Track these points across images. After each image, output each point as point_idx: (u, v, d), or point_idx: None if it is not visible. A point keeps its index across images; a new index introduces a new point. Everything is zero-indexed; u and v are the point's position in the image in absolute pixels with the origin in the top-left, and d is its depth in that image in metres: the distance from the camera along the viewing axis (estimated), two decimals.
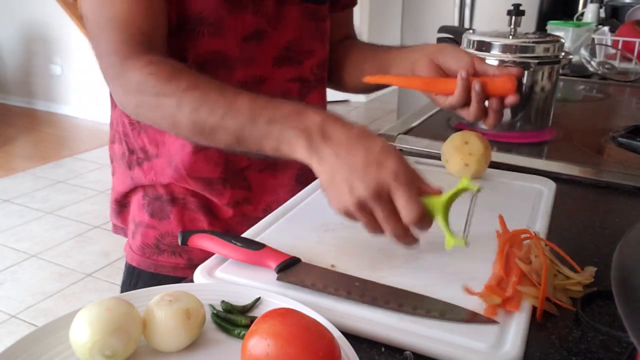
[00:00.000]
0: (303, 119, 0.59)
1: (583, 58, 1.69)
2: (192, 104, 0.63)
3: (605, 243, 0.68)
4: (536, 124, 1.06)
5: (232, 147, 0.65)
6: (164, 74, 0.65)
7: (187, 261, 0.84)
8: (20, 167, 3.69)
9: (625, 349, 0.49)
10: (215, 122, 0.63)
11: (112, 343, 0.44)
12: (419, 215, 0.54)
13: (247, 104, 0.62)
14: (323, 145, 0.57)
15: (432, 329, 0.49)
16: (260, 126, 0.61)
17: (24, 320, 2.16)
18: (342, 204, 0.56)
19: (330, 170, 0.57)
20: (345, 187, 0.55)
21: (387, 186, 0.54)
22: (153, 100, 0.65)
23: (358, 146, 0.56)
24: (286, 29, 0.80)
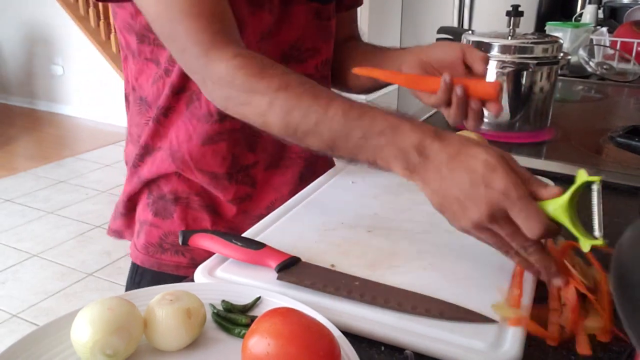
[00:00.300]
0: (398, 137, 0.57)
1: (581, 59, 1.69)
2: (284, 105, 0.62)
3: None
4: (535, 124, 1.06)
5: (324, 152, 0.64)
6: (253, 69, 0.64)
7: (190, 260, 0.84)
8: (22, 167, 3.69)
9: (625, 348, 0.49)
10: (308, 128, 0.62)
11: (113, 342, 0.45)
12: (543, 228, 0.51)
13: (341, 113, 0.60)
14: (422, 167, 0.55)
15: (432, 328, 0.50)
16: (354, 140, 0.59)
17: (25, 319, 2.16)
18: (461, 225, 0.54)
19: (437, 193, 0.55)
20: (459, 209, 0.53)
21: (501, 207, 0.51)
22: (244, 96, 0.64)
23: (460, 167, 0.53)
24: (292, 28, 0.80)
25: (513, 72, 1.01)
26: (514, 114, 1.04)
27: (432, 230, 0.69)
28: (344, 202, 0.77)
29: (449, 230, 0.68)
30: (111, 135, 4.18)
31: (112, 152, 3.93)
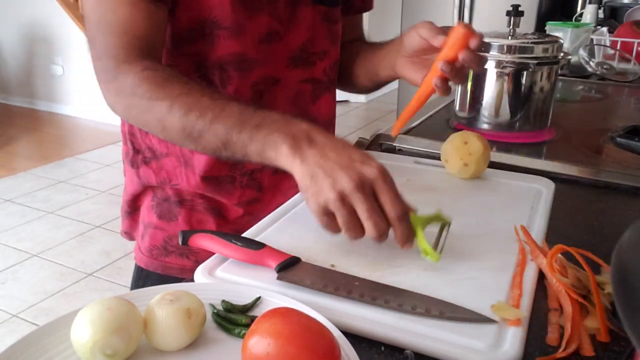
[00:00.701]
0: (290, 125, 0.61)
1: (582, 58, 1.69)
2: (182, 108, 0.65)
3: (604, 243, 0.68)
4: (535, 124, 1.06)
5: (218, 151, 0.65)
6: (157, 79, 0.67)
7: (195, 263, 0.84)
8: (22, 167, 3.69)
9: (625, 348, 0.49)
10: (204, 126, 0.64)
11: (113, 342, 0.45)
12: (405, 211, 0.55)
13: (237, 109, 0.64)
14: (308, 148, 0.59)
15: (432, 328, 0.50)
16: (248, 130, 0.62)
17: (25, 319, 2.16)
18: (323, 199, 0.56)
19: (313, 167, 0.57)
20: (328, 182, 0.56)
21: (371, 180, 0.55)
22: (145, 103, 0.67)
23: (344, 150, 0.58)
24: (299, 30, 0.81)
25: (513, 72, 1.01)
26: (514, 114, 1.04)
27: (431, 230, 0.69)
28: None
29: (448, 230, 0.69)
30: (111, 135, 4.18)
31: (112, 152, 3.94)
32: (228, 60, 0.76)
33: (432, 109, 1.25)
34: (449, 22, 3.16)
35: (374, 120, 4.72)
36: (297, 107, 0.85)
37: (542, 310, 0.54)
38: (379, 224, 0.56)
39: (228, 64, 0.76)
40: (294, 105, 0.84)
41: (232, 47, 0.75)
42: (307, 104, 0.86)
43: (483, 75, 1.04)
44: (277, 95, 0.82)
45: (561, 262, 0.58)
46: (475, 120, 1.08)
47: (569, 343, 0.49)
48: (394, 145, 1.03)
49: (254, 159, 0.63)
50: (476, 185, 0.83)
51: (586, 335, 0.50)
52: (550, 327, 0.52)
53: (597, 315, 0.51)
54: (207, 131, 0.64)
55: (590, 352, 0.48)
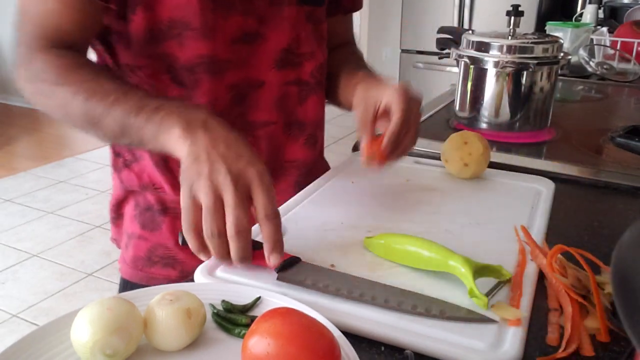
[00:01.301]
0: (189, 112, 0.60)
1: (582, 58, 1.69)
2: (86, 93, 0.65)
3: (603, 243, 0.68)
4: (535, 124, 1.06)
5: (117, 137, 0.65)
6: (66, 66, 0.67)
7: (180, 272, 0.82)
8: (22, 167, 3.69)
9: (625, 348, 0.49)
10: (103, 110, 0.63)
11: (113, 342, 0.45)
12: (275, 214, 0.55)
13: (139, 95, 0.63)
14: (202, 134, 0.58)
15: (432, 328, 0.50)
16: (145, 113, 0.61)
17: (25, 319, 2.16)
18: (196, 179, 0.55)
19: (201, 150, 0.56)
20: (207, 168, 0.55)
21: (249, 179, 0.55)
22: (51, 88, 0.67)
23: (234, 146, 0.57)
24: (284, 31, 0.79)
25: (513, 72, 1.01)
26: (514, 114, 1.04)
27: (431, 230, 0.69)
28: (344, 202, 0.77)
29: (448, 230, 0.69)
30: None
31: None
32: (197, 62, 0.73)
33: (432, 109, 1.25)
34: (448, 22, 3.16)
35: None
36: (283, 110, 0.83)
37: (542, 310, 0.54)
38: (240, 218, 0.53)
39: (197, 66, 0.73)
40: (279, 108, 0.82)
41: (200, 49, 0.73)
42: (294, 106, 0.84)
43: (483, 75, 1.04)
44: (261, 97, 0.80)
45: (561, 262, 0.58)
46: (475, 120, 1.08)
47: (569, 343, 0.49)
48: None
49: (150, 145, 0.62)
50: (476, 185, 0.83)
51: (586, 335, 0.50)
52: (550, 327, 0.52)
53: (597, 315, 0.51)
54: (107, 115, 0.63)
55: (590, 352, 0.48)
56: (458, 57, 1.07)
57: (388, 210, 0.74)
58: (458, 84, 1.10)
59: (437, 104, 1.29)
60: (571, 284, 0.55)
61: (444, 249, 0.57)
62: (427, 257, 0.58)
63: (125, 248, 0.86)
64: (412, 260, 0.59)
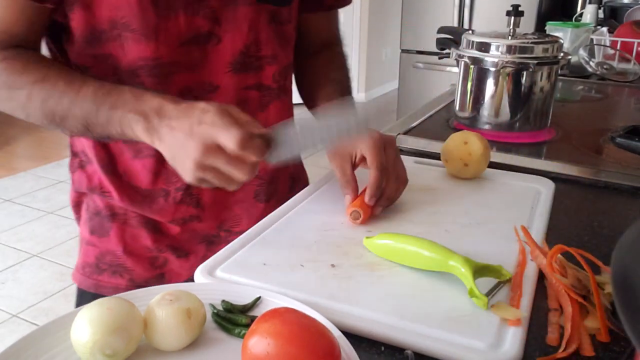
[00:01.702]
0: (141, 102, 0.62)
1: (582, 58, 1.69)
2: (40, 95, 0.66)
3: (603, 243, 0.68)
4: (535, 124, 1.06)
5: (84, 133, 0.67)
6: (16, 68, 0.67)
7: (129, 281, 0.80)
8: (22, 167, 3.69)
9: (625, 348, 0.49)
10: (64, 112, 0.65)
11: (113, 342, 0.45)
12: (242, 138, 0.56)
13: (91, 92, 0.64)
14: (159, 124, 0.60)
15: (432, 328, 0.50)
16: (104, 113, 0.63)
17: (25, 319, 2.16)
18: (189, 172, 0.59)
19: (169, 146, 0.60)
20: (184, 155, 0.58)
21: (210, 137, 0.57)
22: (6, 93, 0.68)
23: (183, 116, 0.59)
24: (241, 33, 0.73)
25: (513, 72, 1.01)
26: (514, 114, 1.04)
27: (431, 230, 0.69)
28: (343, 203, 0.77)
29: (448, 230, 0.69)
30: None
31: None
32: (139, 65, 0.70)
33: (432, 109, 1.25)
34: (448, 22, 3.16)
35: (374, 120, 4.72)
36: None
37: (542, 310, 0.54)
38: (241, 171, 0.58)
39: (140, 69, 0.70)
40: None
41: (143, 51, 0.69)
42: (253, 112, 0.78)
43: (483, 75, 1.04)
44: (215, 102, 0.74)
45: (561, 262, 0.58)
46: (475, 120, 1.08)
47: (569, 343, 0.49)
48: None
49: (120, 139, 0.65)
50: (476, 185, 0.83)
51: (586, 335, 0.50)
52: (550, 327, 0.52)
53: (597, 315, 0.51)
54: (67, 117, 0.65)
55: (590, 352, 0.48)
56: (458, 57, 1.07)
57: (388, 210, 0.74)
58: (458, 84, 1.10)
59: (437, 104, 1.29)
60: (571, 284, 0.55)
61: (444, 248, 0.57)
62: (427, 257, 0.58)
63: (78, 253, 0.85)
64: (412, 260, 0.59)
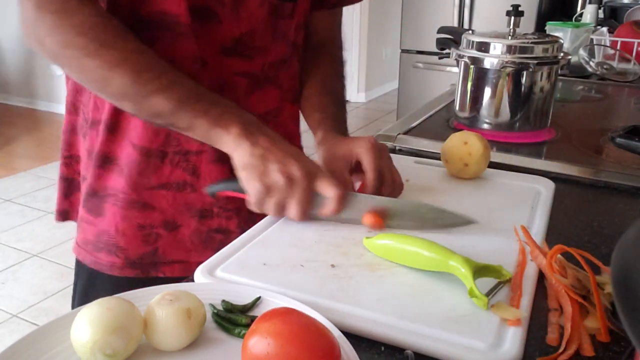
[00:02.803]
0: (243, 113, 0.66)
1: (582, 58, 1.69)
2: (137, 64, 0.64)
3: (604, 243, 0.68)
4: (535, 124, 1.06)
5: (159, 116, 0.66)
6: (113, 29, 0.64)
7: (125, 260, 0.81)
8: (22, 167, 3.69)
9: (625, 348, 0.49)
10: (159, 88, 0.64)
11: (113, 342, 0.45)
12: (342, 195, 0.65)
13: (193, 83, 0.66)
14: (259, 135, 0.63)
15: (432, 328, 0.50)
16: (204, 103, 0.64)
17: (25, 319, 2.16)
18: (270, 178, 0.63)
19: (264, 149, 0.63)
20: (278, 165, 0.62)
21: (317, 172, 0.64)
22: (93, 47, 0.63)
23: (291, 147, 0.65)
24: (239, 19, 0.75)
25: (513, 72, 1.01)
26: (514, 114, 1.04)
27: (432, 230, 0.69)
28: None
29: (448, 230, 0.69)
30: None
31: None
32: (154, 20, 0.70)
33: (432, 109, 1.25)
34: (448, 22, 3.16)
35: (374, 120, 4.72)
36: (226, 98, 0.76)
37: (542, 310, 0.54)
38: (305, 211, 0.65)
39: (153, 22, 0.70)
40: (221, 95, 0.76)
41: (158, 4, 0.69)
42: (238, 98, 0.78)
43: (483, 75, 1.04)
44: (201, 78, 0.74)
45: (561, 263, 0.58)
46: (475, 120, 1.08)
47: (569, 343, 0.49)
48: (394, 145, 1.03)
49: (197, 133, 0.65)
50: (476, 186, 0.83)
51: (586, 335, 0.50)
52: (550, 327, 0.52)
53: (597, 316, 0.51)
54: (160, 94, 0.64)
55: (590, 352, 0.48)
56: (458, 57, 1.07)
57: None
58: (458, 84, 1.10)
59: (437, 104, 1.29)
60: (571, 284, 0.55)
61: (443, 249, 0.57)
62: (427, 257, 0.58)
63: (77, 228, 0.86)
64: (412, 261, 0.59)
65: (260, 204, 0.65)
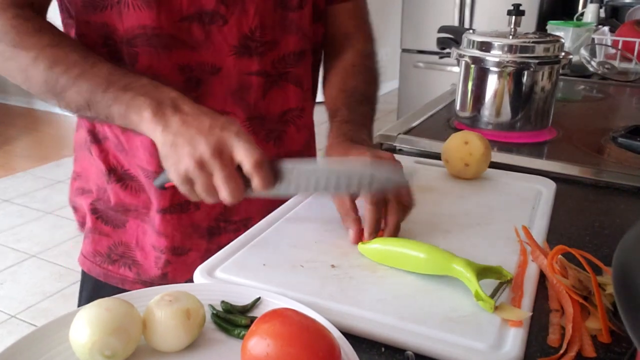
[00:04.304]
0: (158, 91, 0.60)
1: (583, 58, 1.69)
2: (48, 60, 0.63)
3: (605, 243, 0.68)
4: (536, 124, 1.06)
5: (82, 110, 0.64)
6: (27, 29, 0.64)
7: (136, 275, 0.81)
8: (21, 167, 3.69)
9: (627, 349, 0.49)
10: (67, 82, 0.62)
11: (112, 343, 0.44)
12: (260, 158, 0.55)
13: (107, 69, 0.62)
14: (171, 115, 0.58)
15: (432, 329, 0.49)
16: (113, 90, 0.60)
17: (24, 320, 2.16)
18: (183, 167, 0.56)
19: (174, 134, 0.57)
20: (187, 150, 0.56)
21: (229, 144, 0.56)
22: (10, 51, 0.64)
23: (206, 116, 0.58)
24: (246, 15, 0.73)
25: (514, 72, 1.01)
26: (515, 114, 1.04)
27: (431, 231, 0.69)
28: None
29: (448, 230, 0.68)
30: None
31: None
32: (136, 34, 0.69)
33: (433, 109, 1.25)
34: (449, 22, 3.16)
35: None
36: (242, 101, 0.77)
37: (543, 311, 0.54)
38: (234, 190, 0.56)
39: (136, 38, 0.69)
40: (237, 99, 0.76)
41: (142, 19, 0.68)
42: (256, 99, 0.78)
43: (484, 75, 1.04)
44: (217, 85, 0.75)
45: (562, 263, 0.57)
46: (476, 120, 1.08)
47: (570, 344, 0.49)
48: (394, 145, 1.02)
49: (117, 122, 0.61)
50: (477, 186, 0.82)
51: (587, 336, 0.50)
52: (551, 328, 0.51)
53: (598, 316, 0.51)
54: (71, 87, 0.62)
55: (591, 353, 0.48)
56: (459, 56, 1.07)
57: None
58: (459, 84, 1.10)
59: (437, 104, 1.29)
60: (572, 284, 0.54)
61: (443, 252, 0.57)
62: (428, 262, 0.57)
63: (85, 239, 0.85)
64: (412, 265, 0.58)
65: (189, 194, 0.59)
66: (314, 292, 0.55)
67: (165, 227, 0.79)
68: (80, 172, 0.84)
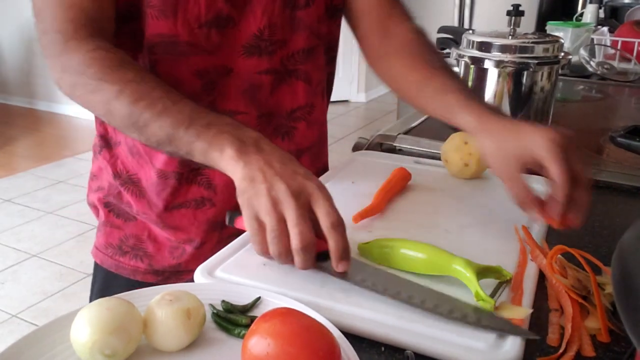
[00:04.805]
0: (240, 130, 0.60)
1: (582, 58, 1.69)
2: (133, 95, 0.63)
3: (604, 243, 0.68)
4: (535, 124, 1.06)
5: (161, 144, 0.64)
6: (110, 62, 0.65)
7: (148, 266, 0.83)
8: (22, 167, 3.69)
9: (626, 348, 0.49)
10: (151, 117, 0.62)
11: (113, 342, 0.44)
12: (340, 222, 0.55)
13: (189, 107, 0.62)
14: (254, 153, 0.58)
15: (432, 328, 0.49)
16: (196, 127, 0.60)
17: (24, 319, 2.16)
18: (257, 203, 0.55)
19: (255, 171, 0.56)
20: (265, 186, 0.55)
21: (308, 192, 0.55)
22: (94, 83, 0.65)
23: (289, 163, 0.58)
24: (255, 17, 0.74)
25: (514, 72, 1.01)
26: (515, 114, 1.04)
27: (432, 230, 0.69)
28: (344, 202, 0.76)
29: (448, 230, 0.69)
30: None
31: None
32: (155, 42, 0.71)
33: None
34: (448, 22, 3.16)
35: (374, 120, 4.72)
36: (254, 100, 0.78)
37: (543, 310, 0.54)
38: (304, 233, 0.53)
39: (156, 46, 0.71)
40: (250, 98, 0.78)
41: (160, 28, 0.70)
42: (267, 97, 0.79)
43: (484, 75, 1.04)
44: (229, 86, 0.76)
45: (561, 263, 0.58)
46: None
47: (569, 344, 0.49)
48: (394, 145, 1.03)
49: (198, 158, 0.62)
50: (476, 186, 0.82)
51: (587, 335, 0.50)
52: (550, 327, 0.52)
53: (597, 316, 0.51)
54: (154, 122, 0.62)
55: (591, 352, 0.48)
56: (458, 57, 1.07)
57: (388, 210, 0.74)
58: None
59: None
60: (571, 284, 0.55)
61: (443, 252, 0.57)
62: (427, 262, 0.57)
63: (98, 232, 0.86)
64: (412, 266, 0.58)
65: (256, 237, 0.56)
66: (314, 292, 0.55)
67: (180, 220, 0.81)
68: (96, 173, 0.86)
